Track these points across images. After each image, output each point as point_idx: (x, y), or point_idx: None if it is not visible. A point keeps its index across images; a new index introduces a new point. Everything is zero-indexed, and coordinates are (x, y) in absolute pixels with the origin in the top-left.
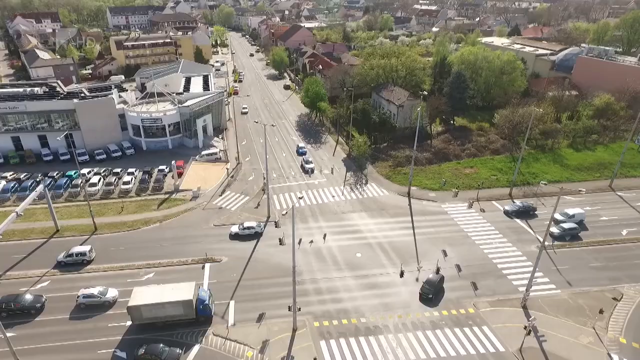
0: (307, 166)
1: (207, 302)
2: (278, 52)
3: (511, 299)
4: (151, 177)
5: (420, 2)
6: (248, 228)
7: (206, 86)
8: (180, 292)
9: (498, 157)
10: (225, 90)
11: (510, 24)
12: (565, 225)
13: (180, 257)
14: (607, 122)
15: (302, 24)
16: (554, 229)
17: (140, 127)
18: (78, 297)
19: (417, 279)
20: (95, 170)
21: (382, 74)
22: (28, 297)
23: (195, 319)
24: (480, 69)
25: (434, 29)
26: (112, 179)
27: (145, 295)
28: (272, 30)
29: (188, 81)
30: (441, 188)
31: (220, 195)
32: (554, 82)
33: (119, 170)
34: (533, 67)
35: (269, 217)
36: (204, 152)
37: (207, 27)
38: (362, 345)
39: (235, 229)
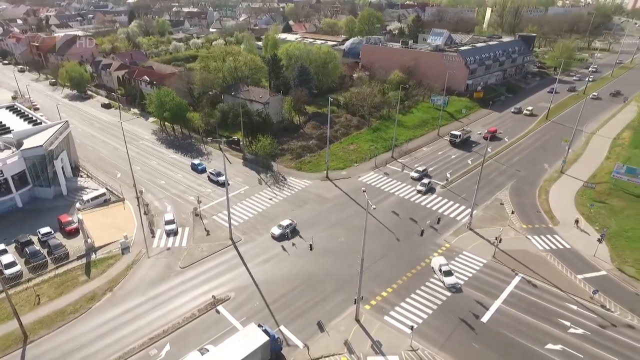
0: (220, 179)
1: (276, 336)
2: (74, 69)
3: (459, 227)
4: (37, 246)
5: (173, 4)
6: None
7: (27, 119)
8: (251, 338)
9: (363, 131)
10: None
11: (276, 22)
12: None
13: (182, 314)
14: (405, 91)
15: (76, 33)
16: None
17: None
18: None
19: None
20: None
21: (228, 76)
22: None
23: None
24: (308, 61)
25: (212, 30)
26: None
27: None
28: (36, 44)
29: None
30: (347, 166)
31: (154, 236)
32: (351, 66)
33: None
34: None
35: (231, 238)
36: (86, 197)
37: None
38: (414, 304)
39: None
